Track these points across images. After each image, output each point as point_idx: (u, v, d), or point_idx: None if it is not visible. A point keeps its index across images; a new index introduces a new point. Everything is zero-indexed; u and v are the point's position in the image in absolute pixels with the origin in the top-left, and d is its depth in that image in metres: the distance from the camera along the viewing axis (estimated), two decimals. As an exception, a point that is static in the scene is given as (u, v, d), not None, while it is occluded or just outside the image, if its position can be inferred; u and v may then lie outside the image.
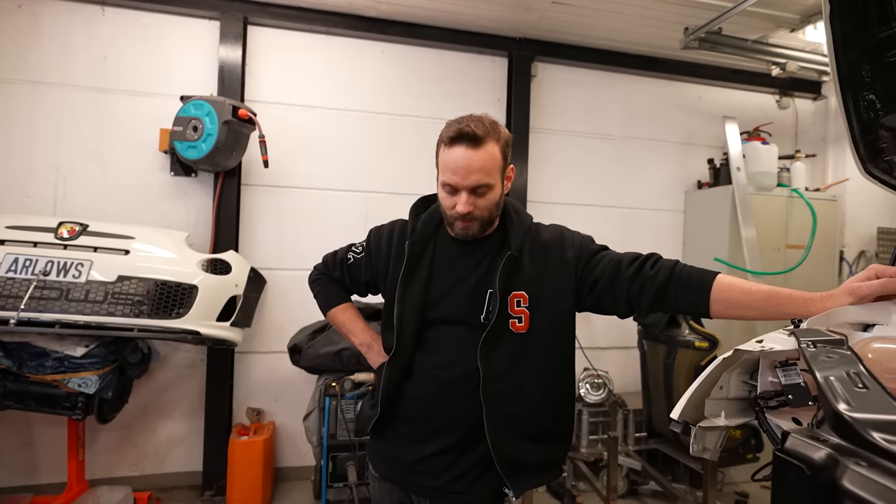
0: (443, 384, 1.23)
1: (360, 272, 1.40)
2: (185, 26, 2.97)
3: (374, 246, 1.38)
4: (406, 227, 1.34)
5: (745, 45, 3.02)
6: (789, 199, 3.43)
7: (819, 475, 0.48)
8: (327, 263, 1.47)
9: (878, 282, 0.85)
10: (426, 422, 1.24)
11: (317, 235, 3.13)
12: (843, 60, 0.91)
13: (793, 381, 0.77)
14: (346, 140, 3.20)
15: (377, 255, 1.36)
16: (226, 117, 2.59)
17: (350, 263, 1.41)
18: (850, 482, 0.45)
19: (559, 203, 3.54)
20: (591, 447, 3.15)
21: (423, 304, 1.25)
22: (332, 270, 1.46)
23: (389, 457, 1.31)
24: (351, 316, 1.48)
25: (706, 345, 2.66)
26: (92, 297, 2.24)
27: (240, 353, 3.02)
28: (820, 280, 3.49)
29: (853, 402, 0.52)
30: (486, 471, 1.21)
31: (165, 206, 2.93)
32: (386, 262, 1.33)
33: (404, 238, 1.30)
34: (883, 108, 0.89)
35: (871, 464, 0.46)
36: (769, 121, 3.71)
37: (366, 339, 1.45)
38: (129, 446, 2.91)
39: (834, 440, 0.51)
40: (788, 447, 0.53)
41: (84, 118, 2.85)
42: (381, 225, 1.41)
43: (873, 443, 0.47)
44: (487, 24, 3.19)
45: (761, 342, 0.84)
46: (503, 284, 1.19)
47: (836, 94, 0.93)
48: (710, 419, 0.85)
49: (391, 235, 1.35)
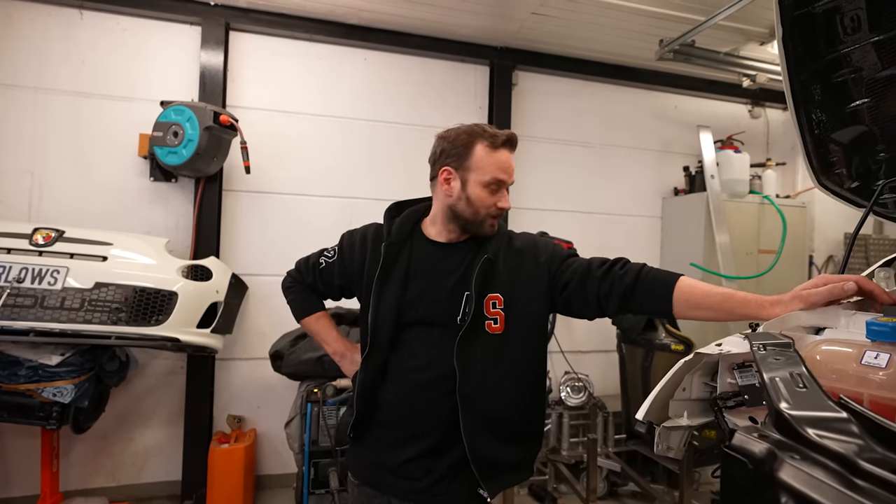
0: (419, 387, 1.25)
1: (332, 277, 1.40)
2: (165, 31, 2.96)
3: (346, 249, 1.39)
4: (380, 230, 1.35)
5: (717, 57, 3.12)
6: (761, 205, 3.55)
7: (759, 468, 0.52)
8: (300, 269, 1.47)
9: (825, 288, 0.91)
10: (403, 426, 1.26)
11: (299, 241, 3.11)
12: (795, 80, 0.97)
13: (748, 382, 0.81)
14: (328, 146, 3.21)
15: (350, 258, 1.37)
16: (207, 123, 2.58)
17: (322, 268, 1.41)
18: (786, 474, 0.49)
19: (540, 209, 3.60)
20: (571, 449, 3.20)
21: (399, 305, 1.26)
22: (305, 276, 1.45)
23: (370, 462, 1.32)
24: (325, 325, 1.50)
25: (682, 348, 2.74)
26: (68, 304, 2.20)
27: (221, 359, 2.99)
28: (791, 284, 3.56)
29: (792, 401, 0.56)
30: (461, 472, 1.23)
31: (145, 212, 2.90)
32: (360, 265, 1.34)
33: (379, 240, 1.32)
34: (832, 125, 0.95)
35: (804, 457, 0.50)
36: (742, 130, 3.84)
37: (339, 348, 1.48)
38: (106, 456, 2.86)
39: (775, 436, 0.55)
40: (734, 443, 0.57)
41: (61, 122, 2.81)
42: (354, 229, 1.42)
43: (807, 438, 0.51)
44: (469, 33, 3.25)
45: (720, 346, 0.89)
46: (479, 286, 1.23)
47: (790, 111, 0.99)
48: (673, 419, 0.90)
49: (364, 238, 1.37)
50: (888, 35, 0.84)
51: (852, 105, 0.94)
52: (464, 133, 1.26)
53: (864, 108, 0.93)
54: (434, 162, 1.31)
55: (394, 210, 1.39)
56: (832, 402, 0.54)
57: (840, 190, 1.05)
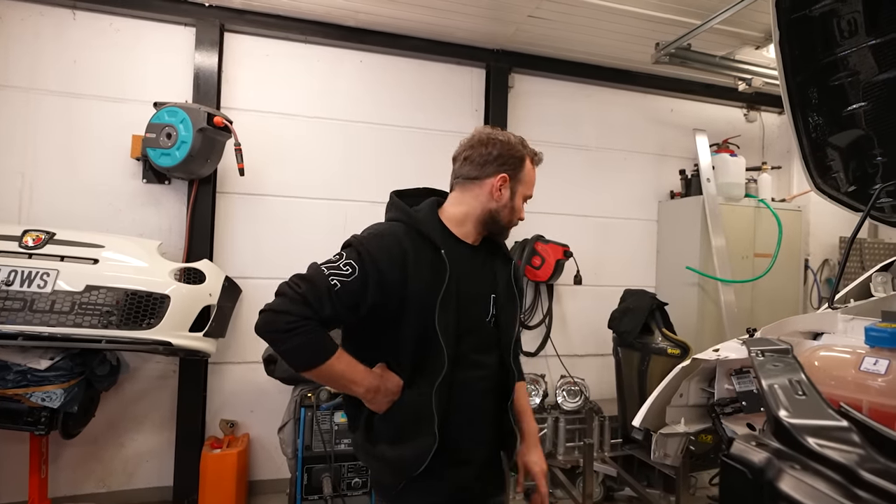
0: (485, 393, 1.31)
1: (356, 297, 1.15)
2: (159, 32, 2.94)
3: (378, 260, 1.17)
4: (412, 233, 1.24)
5: (713, 60, 3.13)
6: (756, 209, 3.55)
7: (758, 478, 0.51)
8: (308, 302, 1.11)
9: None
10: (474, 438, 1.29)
11: (293, 244, 3.11)
12: (792, 83, 0.96)
13: (746, 389, 0.80)
14: (323, 149, 3.19)
15: (389, 268, 1.17)
16: (200, 125, 2.56)
17: (339, 290, 1.13)
18: (785, 485, 0.48)
19: (536, 212, 3.57)
20: (567, 454, 3.18)
21: (459, 315, 1.25)
22: (319, 310, 1.12)
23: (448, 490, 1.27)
24: (349, 361, 1.20)
25: (678, 352, 2.73)
26: (58, 307, 2.17)
27: (214, 363, 2.96)
28: (786, 288, 3.62)
29: (792, 409, 0.55)
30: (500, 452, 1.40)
31: (137, 214, 2.87)
32: (402, 276, 1.19)
33: (424, 246, 1.22)
34: (829, 128, 0.94)
35: (804, 467, 0.48)
36: (737, 133, 3.85)
37: (373, 383, 1.21)
38: (96, 462, 2.82)
39: (774, 445, 0.54)
40: (733, 452, 0.56)
41: (52, 123, 2.78)
42: (369, 236, 1.22)
43: (807, 447, 0.50)
44: (465, 35, 3.24)
45: (718, 351, 0.87)
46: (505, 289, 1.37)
47: (787, 114, 0.99)
48: (670, 426, 0.88)
49: (400, 244, 1.21)
50: (885, 38, 0.83)
51: (849, 109, 0.94)
52: (518, 144, 1.32)
53: (861, 111, 0.92)
54: (485, 164, 1.29)
55: (406, 201, 1.33)
56: (832, 410, 0.53)
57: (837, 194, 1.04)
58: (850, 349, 0.77)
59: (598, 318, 3.66)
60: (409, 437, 1.22)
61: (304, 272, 1.16)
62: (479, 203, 1.31)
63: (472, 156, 1.31)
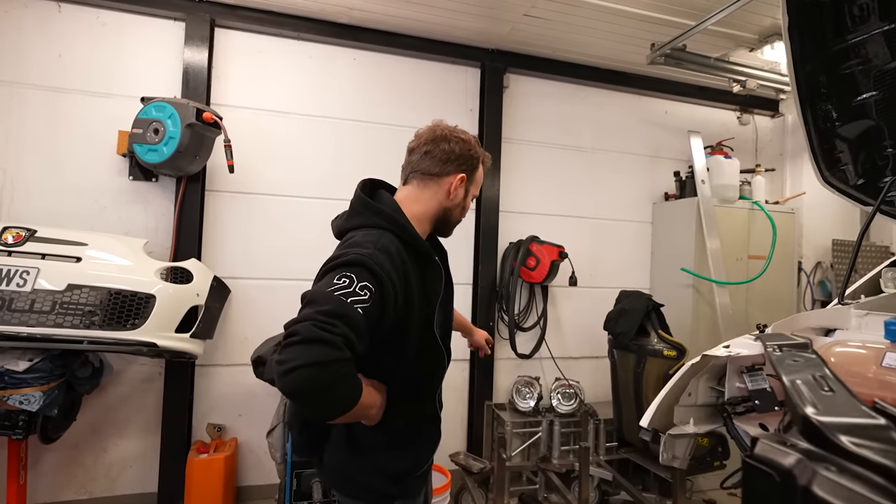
0: (443, 376, 1.38)
1: (375, 320, 1.08)
2: (148, 26, 2.87)
3: (390, 275, 1.11)
4: (397, 242, 1.20)
5: (707, 62, 3.13)
6: (751, 211, 3.55)
7: (788, 481, 0.46)
8: (349, 341, 0.98)
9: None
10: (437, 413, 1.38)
11: (284, 244, 3.04)
12: (801, 72, 0.93)
13: (759, 387, 0.76)
14: (315, 147, 3.14)
15: (401, 283, 1.15)
16: (189, 120, 2.50)
17: (361, 317, 1.02)
18: (821, 488, 0.44)
19: (531, 213, 3.56)
20: (562, 458, 3.14)
21: (446, 313, 1.35)
22: (357, 347, 1.00)
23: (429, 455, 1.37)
24: (369, 389, 1.14)
25: (674, 353, 2.70)
26: (38, 307, 2.10)
27: (201, 366, 2.89)
28: (780, 289, 3.62)
29: (820, 406, 0.51)
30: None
31: (123, 212, 2.80)
32: (405, 286, 1.16)
33: (411, 253, 1.22)
34: (839, 119, 0.92)
35: (840, 468, 0.44)
36: (731, 136, 3.85)
37: (380, 400, 1.18)
38: (77, 467, 2.72)
39: (802, 445, 0.50)
40: (758, 453, 0.52)
41: (36, 118, 2.70)
42: (374, 254, 1.11)
43: (842, 447, 0.46)
44: (460, 34, 3.21)
45: (728, 347, 0.83)
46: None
47: (795, 104, 0.96)
48: (679, 426, 0.84)
49: (399, 255, 1.17)
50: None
51: (859, 98, 0.91)
52: (476, 145, 1.35)
53: (872, 101, 0.89)
54: (447, 161, 1.29)
55: (371, 191, 1.38)
56: (866, 407, 0.49)
57: (845, 187, 1.01)
58: (868, 345, 0.73)
59: (592, 319, 3.63)
60: (415, 439, 1.25)
61: (324, 306, 0.98)
62: (436, 201, 1.31)
63: (433, 151, 1.30)
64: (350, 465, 1.22)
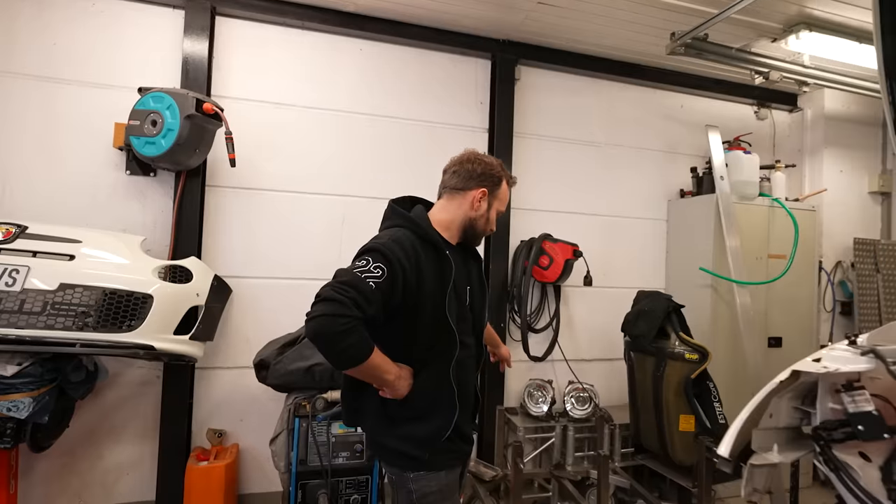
0: (472, 369, 1.59)
1: (387, 296, 1.34)
2: (145, 15, 2.75)
3: (403, 262, 1.37)
4: (415, 238, 1.46)
5: (729, 52, 3.00)
6: (770, 208, 3.42)
7: None
8: (358, 303, 1.27)
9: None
10: (466, 405, 1.54)
11: (288, 241, 2.92)
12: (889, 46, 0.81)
13: (862, 409, 0.64)
14: (320, 140, 3.01)
15: (412, 270, 1.39)
16: (189, 111, 2.38)
17: (375, 291, 1.31)
18: None
19: (543, 210, 3.43)
20: (576, 465, 3.02)
21: (461, 303, 1.53)
22: (367, 309, 1.29)
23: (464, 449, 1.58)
24: (381, 354, 1.38)
25: (696, 356, 2.58)
26: (28, 307, 1.98)
27: (201, 368, 2.77)
28: (801, 290, 3.49)
29: None
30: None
31: (119, 208, 2.68)
32: (418, 275, 1.40)
33: (427, 247, 1.46)
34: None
35: None
36: (748, 131, 3.72)
37: (397, 370, 1.42)
38: (72, 475, 2.60)
39: None
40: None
41: (28, 109, 2.58)
42: (389, 243, 1.40)
43: None
44: (471, 23, 3.08)
45: (819, 361, 0.71)
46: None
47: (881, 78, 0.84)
48: (761, 454, 0.71)
49: (413, 247, 1.43)
50: None
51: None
52: (498, 166, 1.60)
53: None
54: (470, 178, 1.55)
55: (406, 206, 1.58)
56: None
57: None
58: None
59: (605, 320, 3.52)
60: (435, 410, 1.46)
61: (343, 278, 1.30)
62: (462, 211, 1.56)
63: (459, 170, 1.57)
64: (383, 431, 1.47)
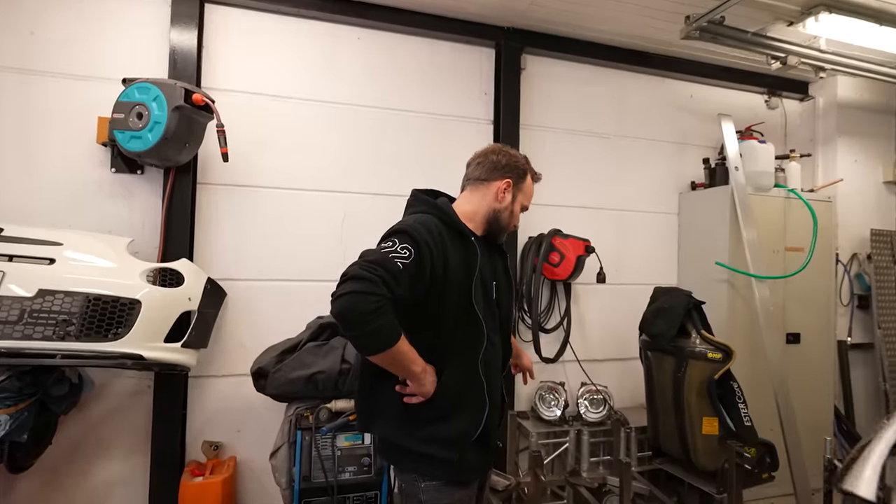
0: (497, 369, 1.53)
1: (414, 278, 1.29)
2: (129, 2, 2.58)
3: (429, 244, 1.34)
4: (442, 225, 1.42)
5: (745, 36, 2.87)
6: (786, 199, 3.30)
7: None
8: (387, 282, 1.20)
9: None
10: (494, 406, 1.47)
11: (285, 241, 2.77)
12: None
13: None
14: (319, 134, 2.86)
15: (438, 253, 1.35)
16: (177, 102, 2.21)
17: (403, 271, 1.26)
18: None
19: (549, 205, 3.29)
20: (592, 471, 2.88)
21: (488, 295, 1.48)
22: (394, 289, 1.23)
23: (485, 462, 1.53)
24: (407, 342, 1.30)
25: (720, 356, 2.45)
26: (3, 316, 1.83)
27: (195, 377, 2.61)
28: (818, 282, 3.37)
29: None
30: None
31: (104, 208, 2.51)
32: (443, 260, 1.36)
33: (454, 234, 1.43)
34: None
35: None
36: (760, 121, 3.60)
37: (424, 364, 1.36)
38: (56, 492, 2.44)
39: None
40: None
41: (5, 102, 2.41)
42: (414, 224, 1.37)
43: None
44: (474, 10, 2.94)
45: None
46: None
47: None
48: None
49: (439, 232, 1.39)
50: None
51: None
52: (523, 159, 1.62)
53: None
54: (494, 169, 1.54)
55: (430, 196, 1.54)
56: None
57: None
58: None
59: (617, 318, 3.39)
60: (464, 407, 1.38)
61: (370, 257, 1.24)
62: (486, 203, 1.53)
63: (483, 161, 1.56)
64: (407, 437, 1.38)
